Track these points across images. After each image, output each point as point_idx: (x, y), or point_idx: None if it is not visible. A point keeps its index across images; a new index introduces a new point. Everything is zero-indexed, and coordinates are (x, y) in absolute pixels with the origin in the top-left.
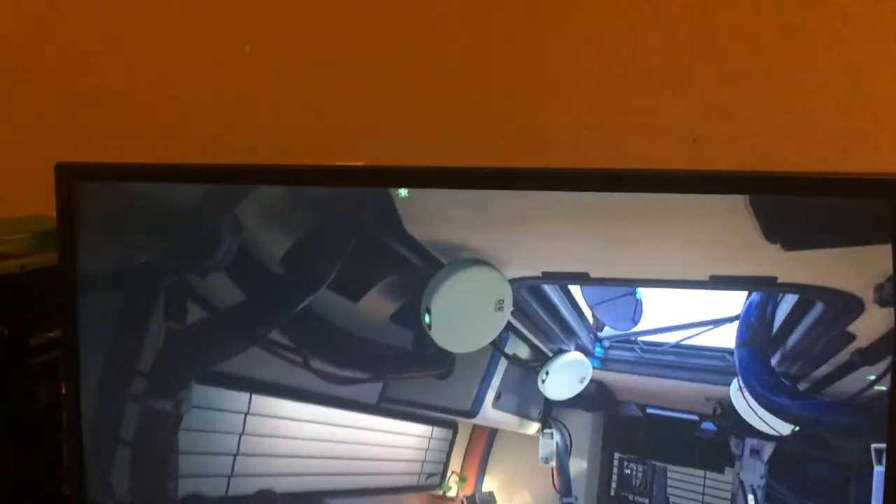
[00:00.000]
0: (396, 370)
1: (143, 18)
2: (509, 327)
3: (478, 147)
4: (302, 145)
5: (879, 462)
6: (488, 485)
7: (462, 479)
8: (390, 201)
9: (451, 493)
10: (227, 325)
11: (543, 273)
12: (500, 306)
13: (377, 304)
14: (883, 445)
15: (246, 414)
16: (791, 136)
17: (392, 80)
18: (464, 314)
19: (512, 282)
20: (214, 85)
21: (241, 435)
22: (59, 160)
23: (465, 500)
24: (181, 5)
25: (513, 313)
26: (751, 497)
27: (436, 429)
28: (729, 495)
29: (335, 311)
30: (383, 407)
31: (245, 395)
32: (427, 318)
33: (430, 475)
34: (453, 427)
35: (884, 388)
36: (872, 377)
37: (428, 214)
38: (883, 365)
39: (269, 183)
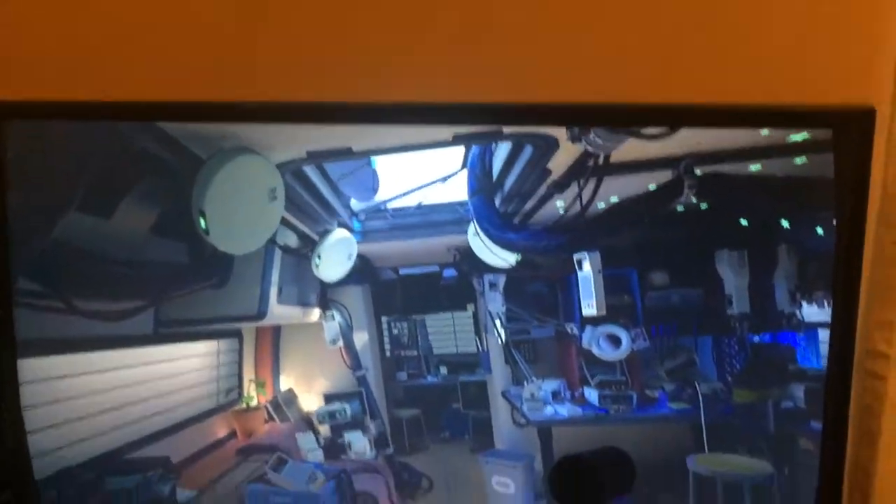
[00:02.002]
0: (168, 289)
1: None
2: (284, 221)
3: None
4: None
5: (580, 268)
6: (286, 382)
7: (260, 385)
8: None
9: (254, 403)
10: None
11: (308, 153)
12: (273, 196)
13: (134, 217)
14: (585, 255)
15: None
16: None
17: None
18: (241, 210)
19: (279, 167)
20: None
21: (24, 409)
22: None
23: (268, 406)
24: None
25: None
26: (497, 322)
27: (222, 342)
28: (472, 327)
29: (87, 236)
30: (162, 333)
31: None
32: (203, 223)
33: (228, 391)
34: (238, 336)
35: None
36: (562, 203)
37: None
38: (571, 192)
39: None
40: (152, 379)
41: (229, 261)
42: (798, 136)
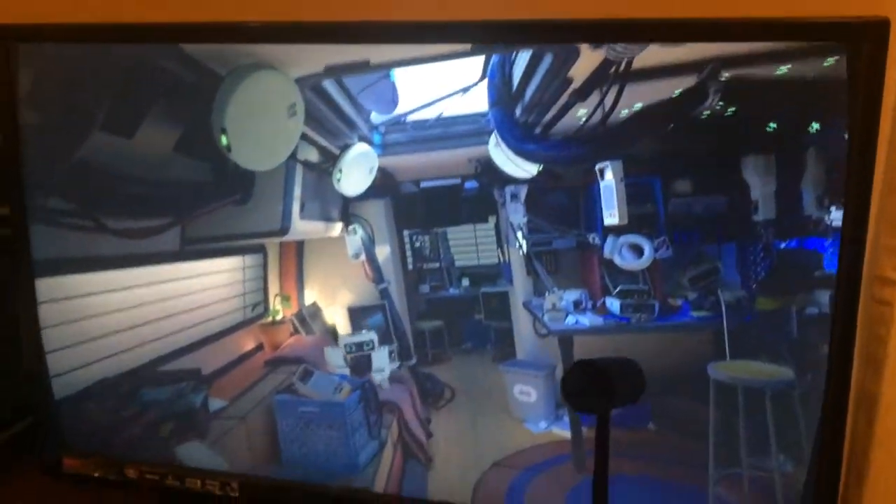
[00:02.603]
0: (193, 206)
1: None
2: (303, 136)
3: None
4: None
5: (602, 178)
6: (310, 296)
7: (285, 299)
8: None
9: (280, 317)
10: None
11: (326, 68)
12: (292, 111)
13: (156, 136)
14: (607, 164)
15: (39, 303)
16: None
17: None
18: (261, 126)
19: (298, 82)
20: None
21: (45, 328)
22: None
23: (294, 319)
24: None
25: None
26: (519, 233)
27: (247, 257)
28: (494, 239)
29: (112, 156)
30: (188, 250)
31: (43, 281)
32: (224, 140)
33: (254, 305)
34: (262, 251)
35: (596, 120)
36: (583, 112)
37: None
38: (593, 101)
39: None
40: (179, 295)
41: (251, 178)
42: None
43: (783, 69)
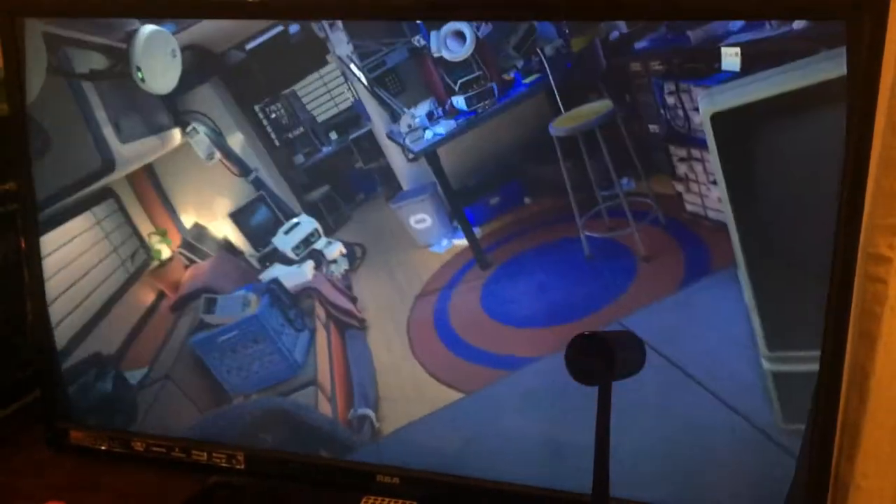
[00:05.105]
0: None
1: None
2: (72, 42)
3: None
4: None
5: None
6: (187, 219)
7: (162, 234)
8: None
9: (166, 255)
10: None
11: None
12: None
13: None
14: None
15: None
16: None
17: None
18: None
19: None
20: None
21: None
22: None
23: (182, 251)
24: None
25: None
26: (352, 65)
27: (95, 210)
28: (342, 78)
29: None
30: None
31: None
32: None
33: (133, 255)
34: (111, 195)
35: None
36: None
37: None
38: None
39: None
40: (47, 277)
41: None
42: None
43: None
